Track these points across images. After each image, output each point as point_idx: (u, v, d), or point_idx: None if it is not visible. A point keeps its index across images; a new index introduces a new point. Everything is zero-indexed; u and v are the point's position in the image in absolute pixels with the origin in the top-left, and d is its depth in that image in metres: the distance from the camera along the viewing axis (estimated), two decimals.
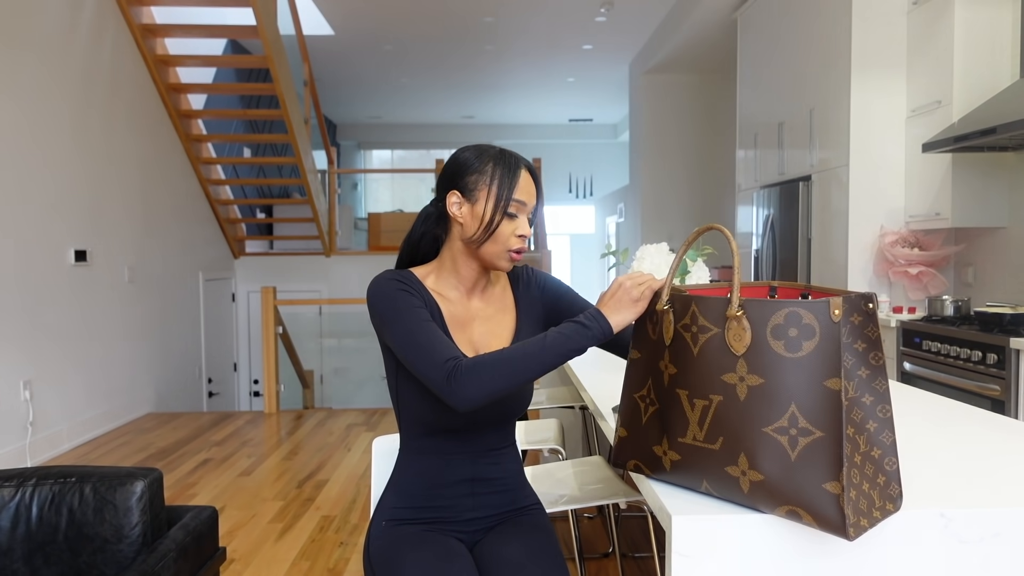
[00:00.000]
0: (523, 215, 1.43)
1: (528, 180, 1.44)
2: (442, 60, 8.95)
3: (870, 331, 0.99)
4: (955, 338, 3.20)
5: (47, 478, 1.70)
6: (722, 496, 1.06)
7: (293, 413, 5.67)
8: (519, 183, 1.42)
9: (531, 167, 1.47)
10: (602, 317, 1.25)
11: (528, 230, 1.43)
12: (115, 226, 5.21)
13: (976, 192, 3.70)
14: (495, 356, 1.28)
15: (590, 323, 1.25)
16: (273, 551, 2.96)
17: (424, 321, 1.34)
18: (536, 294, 1.56)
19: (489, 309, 1.51)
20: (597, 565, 2.78)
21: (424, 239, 1.50)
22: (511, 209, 1.41)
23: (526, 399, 1.51)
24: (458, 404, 1.26)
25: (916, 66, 3.98)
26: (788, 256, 4.81)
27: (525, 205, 1.43)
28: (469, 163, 1.42)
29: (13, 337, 4.09)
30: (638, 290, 1.24)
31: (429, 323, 1.35)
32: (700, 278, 2.37)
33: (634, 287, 1.24)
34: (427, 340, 1.31)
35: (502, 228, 1.41)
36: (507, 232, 1.41)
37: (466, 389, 1.25)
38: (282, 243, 8.82)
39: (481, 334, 1.49)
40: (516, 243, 1.42)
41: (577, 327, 1.26)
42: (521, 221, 1.43)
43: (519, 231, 1.42)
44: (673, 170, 8.14)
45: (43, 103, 4.37)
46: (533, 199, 1.44)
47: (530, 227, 1.44)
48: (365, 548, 1.49)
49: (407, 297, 1.38)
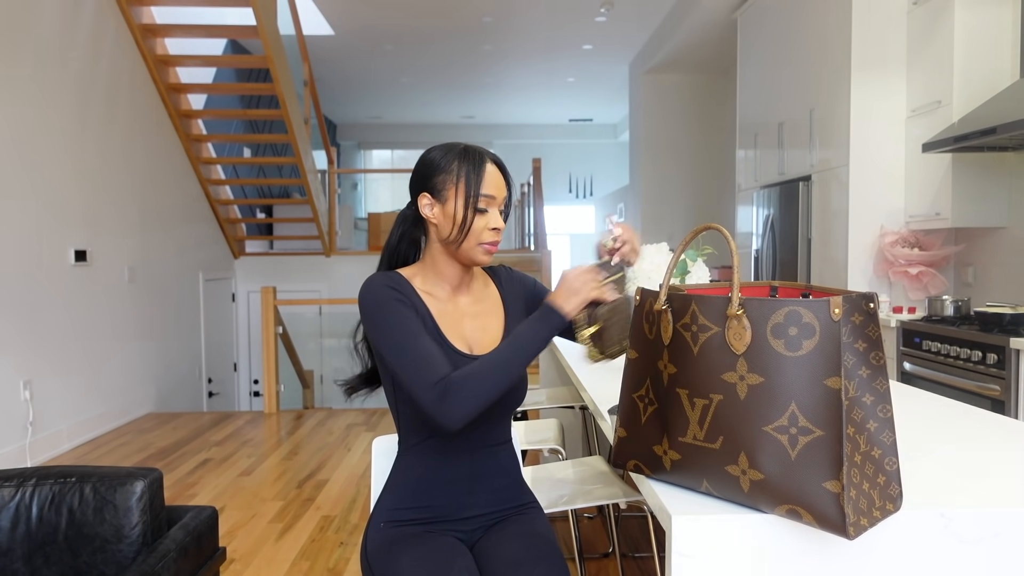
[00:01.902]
0: (494, 208, 1.44)
1: (495, 173, 1.44)
2: (442, 60, 8.95)
3: (871, 331, 0.99)
4: (955, 338, 3.20)
5: (47, 478, 1.70)
6: (722, 496, 1.06)
7: (293, 413, 5.66)
8: (485, 177, 1.42)
9: (497, 160, 1.48)
10: (553, 310, 1.36)
11: (501, 222, 1.44)
12: (115, 226, 5.21)
13: (976, 192, 3.70)
14: (478, 369, 1.33)
15: (549, 315, 1.36)
16: (273, 551, 2.96)
17: (413, 335, 1.36)
18: (519, 289, 1.60)
19: (477, 306, 1.53)
20: (597, 565, 2.78)
21: (402, 242, 1.53)
22: (481, 204, 1.42)
23: (522, 392, 1.51)
24: (450, 425, 1.31)
25: (916, 66, 3.98)
26: (788, 256, 4.81)
27: (494, 198, 1.44)
28: (436, 163, 1.44)
29: (13, 337, 4.09)
30: (579, 280, 1.36)
31: (418, 337, 1.36)
32: (700, 278, 2.37)
33: (576, 278, 1.36)
34: (417, 357, 1.34)
35: (474, 224, 1.42)
36: (480, 227, 1.43)
37: (456, 410, 1.31)
38: (282, 243, 8.82)
39: (473, 330, 1.50)
40: (490, 236, 1.44)
41: (540, 321, 1.37)
42: (492, 215, 1.44)
43: (491, 224, 1.43)
44: (673, 170, 8.14)
45: (43, 103, 4.37)
46: (503, 191, 1.45)
47: (504, 218, 1.46)
48: (363, 548, 1.49)
49: (399, 307, 1.39)
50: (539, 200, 8.29)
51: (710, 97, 8.06)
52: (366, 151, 14.16)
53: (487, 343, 1.49)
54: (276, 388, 5.71)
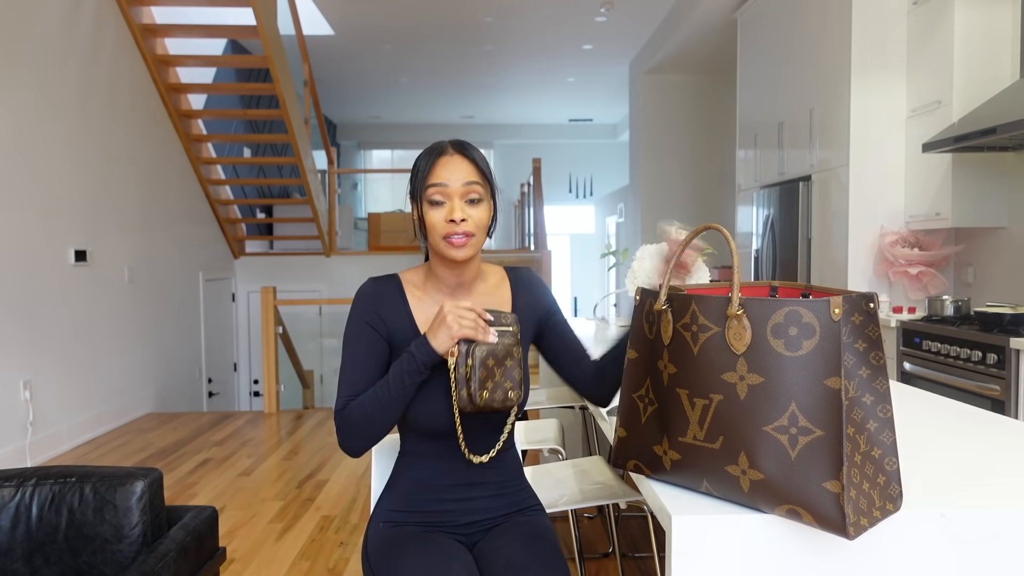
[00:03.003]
0: (453, 199, 1.37)
1: (449, 161, 1.38)
2: (442, 60, 8.95)
3: (871, 331, 0.99)
4: (955, 338, 3.20)
5: (47, 478, 1.70)
6: (722, 496, 1.06)
7: (293, 413, 5.66)
8: (436, 168, 1.38)
9: (462, 148, 1.41)
10: (426, 343, 1.34)
11: (459, 213, 1.37)
12: (115, 226, 5.21)
13: (976, 192, 3.70)
14: (361, 404, 1.37)
15: (417, 351, 1.34)
16: (273, 551, 2.96)
17: (354, 362, 1.42)
18: (536, 296, 1.55)
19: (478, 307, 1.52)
20: (597, 565, 2.78)
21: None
22: (433, 196, 1.38)
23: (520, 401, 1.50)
24: (350, 454, 1.41)
25: (916, 66, 3.98)
26: (788, 256, 4.81)
27: (447, 186, 1.37)
28: (413, 167, 1.43)
29: (13, 337, 4.09)
30: (452, 316, 1.32)
31: (355, 361, 1.42)
32: (700, 278, 2.37)
33: (449, 311, 1.33)
34: (344, 379, 1.42)
35: (431, 219, 1.38)
36: (435, 221, 1.38)
37: (348, 442, 1.39)
38: (282, 243, 8.82)
39: None
40: (446, 228, 1.38)
41: (408, 357, 1.35)
42: (449, 206, 1.37)
43: (447, 216, 1.37)
44: (673, 170, 8.14)
45: (43, 103, 4.37)
46: (461, 178, 1.37)
47: (473, 205, 1.39)
48: (363, 548, 1.49)
49: (360, 327, 1.43)
50: (539, 200, 8.29)
51: (710, 97, 8.06)
52: (366, 151, 14.16)
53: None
54: (276, 388, 5.71)
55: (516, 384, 1.38)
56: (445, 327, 1.33)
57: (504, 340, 1.36)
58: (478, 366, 1.33)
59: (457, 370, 1.35)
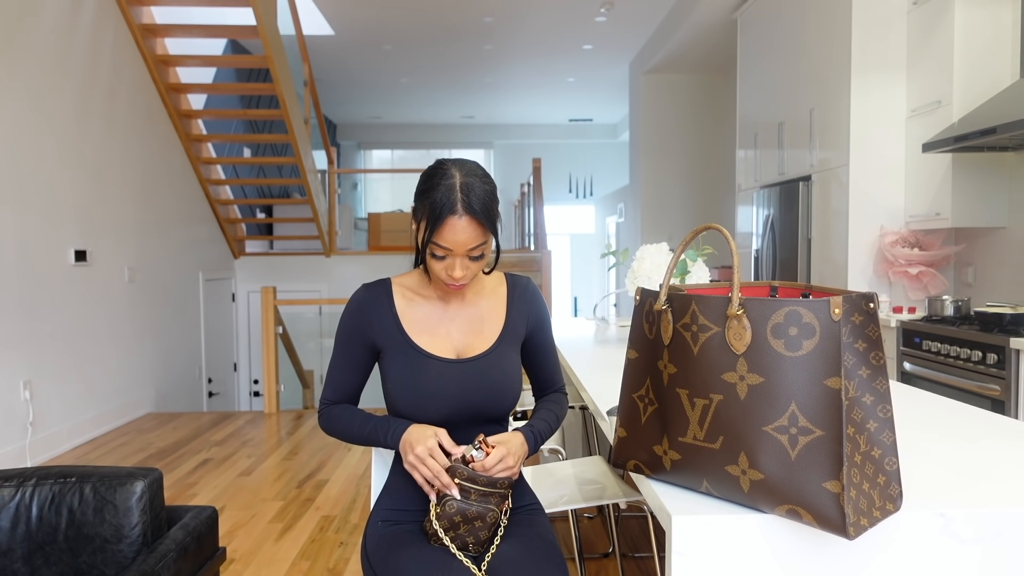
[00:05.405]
0: (454, 257, 1.40)
1: (456, 228, 1.36)
2: (442, 60, 8.95)
3: (871, 331, 0.99)
4: (955, 338, 3.20)
5: (47, 478, 1.70)
6: (722, 496, 1.06)
7: (293, 413, 5.66)
8: (443, 229, 1.37)
9: (471, 210, 1.37)
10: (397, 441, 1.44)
11: (459, 271, 1.40)
12: (115, 226, 5.21)
13: (976, 192, 3.70)
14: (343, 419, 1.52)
15: (389, 439, 1.45)
16: (273, 551, 2.96)
17: (337, 367, 1.54)
18: (528, 308, 1.57)
19: (470, 310, 1.54)
20: (597, 565, 2.78)
21: None
22: (436, 252, 1.40)
23: (509, 398, 1.51)
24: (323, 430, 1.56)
25: (916, 66, 3.98)
26: (788, 256, 4.81)
27: (452, 251, 1.39)
28: (420, 185, 1.43)
29: (13, 337, 4.09)
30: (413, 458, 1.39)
31: (342, 360, 1.53)
32: (700, 278, 2.37)
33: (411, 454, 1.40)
34: (329, 377, 1.56)
35: (433, 264, 1.43)
36: (436, 268, 1.43)
37: (324, 428, 1.56)
38: (282, 243, 8.82)
39: (463, 333, 1.51)
40: (446, 278, 1.43)
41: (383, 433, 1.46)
42: (450, 262, 1.40)
43: (448, 271, 1.41)
44: (673, 170, 8.14)
45: (43, 103, 4.37)
46: (463, 245, 1.38)
47: (476, 261, 1.42)
48: (363, 548, 1.49)
49: (345, 336, 1.52)
50: (539, 200, 8.29)
51: (710, 97, 8.06)
52: (366, 151, 14.16)
53: (477, 346, 1.51)
54: (276, 388, 5.71)
55: (479, 543, 1.40)
56: (409, 449, 1.41)
57: (481, 504, 1.37)
58: (445, 515, 1.37)
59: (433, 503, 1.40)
